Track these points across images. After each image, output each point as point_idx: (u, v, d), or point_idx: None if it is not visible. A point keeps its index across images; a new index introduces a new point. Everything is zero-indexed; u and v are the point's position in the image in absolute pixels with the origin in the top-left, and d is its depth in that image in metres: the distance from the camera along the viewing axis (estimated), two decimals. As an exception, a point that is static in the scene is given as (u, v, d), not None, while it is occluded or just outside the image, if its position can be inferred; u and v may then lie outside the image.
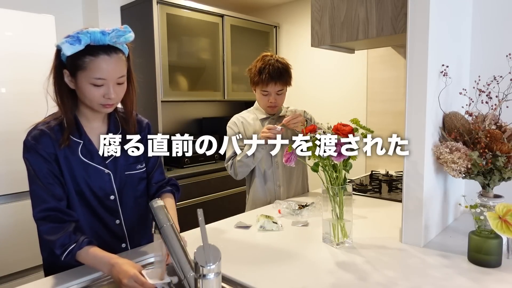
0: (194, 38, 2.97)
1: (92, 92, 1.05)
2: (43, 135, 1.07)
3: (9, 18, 1.99)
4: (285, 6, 3.58)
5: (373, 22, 1.55)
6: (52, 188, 1.07)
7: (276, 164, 1.86)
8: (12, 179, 2.02)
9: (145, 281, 0.92)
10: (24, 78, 2.02)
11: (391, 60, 2.83)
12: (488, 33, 1.49)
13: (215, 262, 0.74)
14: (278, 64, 1.76)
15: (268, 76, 1.74)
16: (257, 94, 1.85)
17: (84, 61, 1.02)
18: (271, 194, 1.88)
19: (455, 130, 1.24)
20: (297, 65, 3.54)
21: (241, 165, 1.77)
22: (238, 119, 1.89)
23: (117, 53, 1.06)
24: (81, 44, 1.00)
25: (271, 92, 1.78)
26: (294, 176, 1.91)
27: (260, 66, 1.77)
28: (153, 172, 1.30)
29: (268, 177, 1.87)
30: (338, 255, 1.18)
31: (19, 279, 2.05)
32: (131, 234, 1.26)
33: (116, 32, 1.03)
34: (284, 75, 1.78)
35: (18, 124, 2.03)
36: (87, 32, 1.01)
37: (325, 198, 1.24)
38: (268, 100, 1.80)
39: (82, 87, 1.04)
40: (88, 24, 2.80)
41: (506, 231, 0.99)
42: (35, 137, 1.07)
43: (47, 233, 1.04)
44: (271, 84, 1.76)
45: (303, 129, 1.25)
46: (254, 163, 1.79)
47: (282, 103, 1.87)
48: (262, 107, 1.88)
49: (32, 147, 1.06)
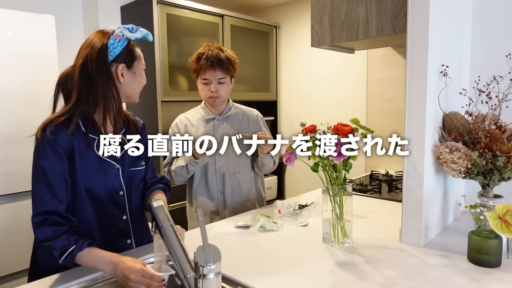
0: (194, 38, 2.97)
1: (143, 79, 1.24)
2: (61, 130, 1.08)
3: (9, 18, 1.98)
4: (285, 6, 3.58)
5: (373, 22, 1.55)
6: (58, 189, 1.06)
7: (220, 170, 1.72)
8: (10, 180, 2.02)
9: (152, 273, 0.92)
10: (24, 78, 2.02)
11: (391, 60, 2.83)
12: (488, 33, 1.49)
13: (215, 262, 0.74)
14: (218, 51, 1.65)
15: (206, 62, 1.62)
16: (199, 85, 1.71)
17: (136, 51, 1.19)
18: (214, 201, 1.73)
19: (455, 130, 1.25)
20: (297, 65, 3.55)
21: (176, 175, 1.67)
22: (182, 121, 1.77)
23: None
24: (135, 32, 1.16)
25: (211, 80, 1.65)
26: (243, 185, 1.77)
27: (199, 52, 1.66)
28: (146, 168, 1.32)
29: (210, 183, 1.72)
30: (338, 255, 1.18)
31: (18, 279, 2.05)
32: (135, 230, 1.28)
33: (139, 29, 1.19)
34: (225, 62, 1.65)
35: (17, 124, 2.04)
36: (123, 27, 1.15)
37: (325, 198, 1.24)
38: (209, 89, 1.66)
39: (138, 74, 1.21)
40: (88, 24, 2.80)
41: (506, 231, 0.99)
42: (54, 133, 1.07)
43: (44, 237, 1.02)
44: (209, 71, 1.63)
45: (303, 129, 1.25)
46: (189, 173, 1.67)
47: (225, 95, 1.71)
48: (204, 99, 1.75)
49: (49, 143, 1.05)
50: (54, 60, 2.12)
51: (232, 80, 1.74)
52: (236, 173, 1.75)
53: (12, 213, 2.02)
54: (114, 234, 1.22)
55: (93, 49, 1.09)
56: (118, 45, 1.11)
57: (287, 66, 3.61)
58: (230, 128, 1.74)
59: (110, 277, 1.09)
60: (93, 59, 1.09)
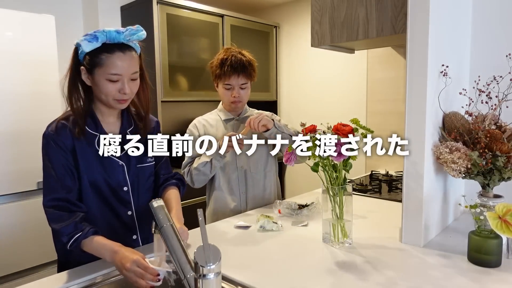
0: (194, 38, 2.97)
1: (108, 88, 1.11)
2: (62, 127, 1.14)
3: (9, 18, 1.98)
4: (285, 6, 3.58)
5: (373, 22, 1.55)
6: (64, 179, 1.12)
7: (241, 169, 1.73)
8: (14, 179, 2.02)
9: (147, 265, 0.95)
10: (24, 78, 2.02)
11: (391, 60, 2.83)
12: (488, 33, 1.49)
13: (215, 262, 0.74)
14: (241, 56, 1.67)
15: (231, 68, 1.64)
16: (219, 90, 1.73)
17: (101, 58, 1.09)
18: (235, 201, 1.74)
19: (455, 130, 1.24)
20: (297, 65, 3.55)
21: (198, 173, 1.65)
22: (200, 122, 1.77)
23: (130, 51, 1.14)
24: (98, 41, 1.08)
25: (234, 85, 1.68)
26: (264, 183, 1.79)
27: (222, 58, 1.67)
28: (160, 164, 1.35)
29: (233, 183, 1.73)
30: (338, 255, 1.18)
31: (19, 278, 2.05)
32: (141, 226, 1.29)
33: (130, 31, 1.11)
34: (248, 68, 1.68)
35: (18, 124, 2.04)
36: (103, 30, 1.09)
37: (325, 198, 1.24)
38: (232, 94, 1.68)
39: (98, 83, 1.11)
40: (88, 24, 2.80)
41: (506, 231, 0.99)
42: (55, 129, 1.14)
43: (54, 220, 1.09)
44: (233, 77, 1.65)
45: (303, 129, 1.25)
46: (212, 172, 1.66)
47: (246, 99, 1.75)
48: (226, 104, 1.76)
49: (51, 138, 1.13)
50: (54, 60, 2.12)
51: (252, 83, 1.77)
52: (258, 172, 1.77)
53: (14, 213, 2.03)
54: (119, 229, 1.24)
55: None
56: (87, 46, 1.08)
57: (287, 66, 3.61)
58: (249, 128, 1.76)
59: (110, 277, 1.09)
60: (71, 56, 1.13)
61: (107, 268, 1.11)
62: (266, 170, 1.79)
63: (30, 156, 2.05)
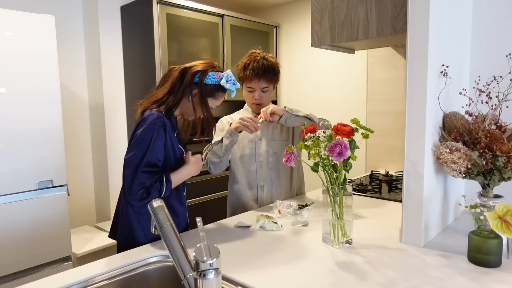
0: (194, 38, 2.97)
1: (202, 108, 1.45)
2: (165, 120, 1.37)
3: (9, 18, 1.98)
4: (285, 6, 3.58)
5: (373, 22, 1.55)
6: (152, 168, 1.31)
7: (260, 164, 1.82)
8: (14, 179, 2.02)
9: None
10: (23, 78, 2.02)
11: (391, 60, 2.84)
12: (488, 33, 1.49)
13: (214, 258, 0.74)
14: (263, 61, 1.75)
15: (252, 72, 1.73)
16: (243, 91, 1.84)
17: (219, 94, 1.48)
18: (254, 195, 1.83)
19: (455, 130, 1.24)
20: (297, 65, 3.55)
21: (211, 153, 1.73)
22: (226, 119, 1.89)
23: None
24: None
25: (255, 88, 1.77)
26: (282, 178, 1.86)
27: (246, 62, 1.77)
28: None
29: (251, 177, 1.83)
30: (338, 255, 1.18)
31: (19, 278, 2.05)
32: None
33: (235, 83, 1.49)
34: (270, 72, 1.76)
35: (17, 124, 2.04)
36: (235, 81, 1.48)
37: (325, 198, 1.24)
38: (253, 96, 1.79)
39: (201, 104, 1.43)
40: (88, 24, 2.80)
41: (506, 231, 0.99)
42: (162, 121, 1.35)
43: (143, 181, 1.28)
44: (255, 81, 1.75)
45: (303, 130, 1.25)
46: (224, 152, 1.69)
47: (268, 102, 1.83)
48: (248, 104, 1.87)
49: (161, 126, 1.33)
50: (54, 60, 2.12)
51: (275, 85, 1.87)
52: (276, 167, 1.84)
53: (14, 213, 2.03)
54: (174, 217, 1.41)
55: (199, 66, 1.42)
56: (212, 80, 1.42)
57: (287, 66, 3.61)
58: (270, 125, 1.86)
59: (110, 277, 1.09)
60: (193, 71, 1.41)
61: (107, 268, 1.11)
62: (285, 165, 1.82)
63: (30, 156, 2.05)
